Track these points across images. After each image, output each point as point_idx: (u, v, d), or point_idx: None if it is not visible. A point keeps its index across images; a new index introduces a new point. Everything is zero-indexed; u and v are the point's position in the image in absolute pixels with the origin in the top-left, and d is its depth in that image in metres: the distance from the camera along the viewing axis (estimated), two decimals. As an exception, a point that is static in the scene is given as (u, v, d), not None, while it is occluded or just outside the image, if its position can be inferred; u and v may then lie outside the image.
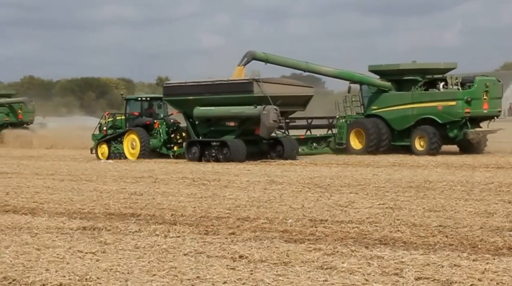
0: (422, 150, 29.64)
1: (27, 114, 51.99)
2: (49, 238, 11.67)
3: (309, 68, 33.15)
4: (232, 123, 29.06)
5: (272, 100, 27.67)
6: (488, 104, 29.72)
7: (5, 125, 51.45)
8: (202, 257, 10.03)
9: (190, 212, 14.28)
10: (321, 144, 32.96)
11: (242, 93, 28.45)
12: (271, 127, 27.79)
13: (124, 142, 31.53)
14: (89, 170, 25.27)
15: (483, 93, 29.66)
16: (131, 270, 9.23)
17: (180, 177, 21.59)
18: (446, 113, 29.69)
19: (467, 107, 29.34)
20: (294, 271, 9.05)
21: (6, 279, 8.86)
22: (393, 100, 31.11)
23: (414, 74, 31.05)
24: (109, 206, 15.32)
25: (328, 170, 23.44)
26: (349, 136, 31.43)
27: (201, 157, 28.67)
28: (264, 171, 23.62)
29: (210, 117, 29.51)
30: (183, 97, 29.86)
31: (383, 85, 31.72)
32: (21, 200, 16.78)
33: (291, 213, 13.81)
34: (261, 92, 27.98)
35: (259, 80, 28.55)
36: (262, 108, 27.45)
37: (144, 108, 32.42)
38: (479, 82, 29.78)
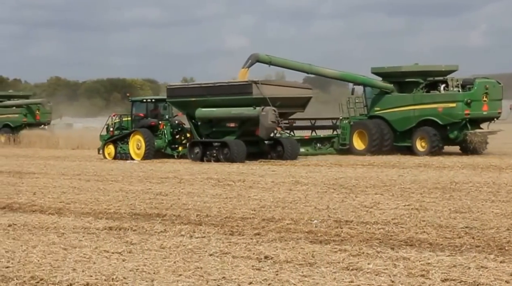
0: (423, 151, 30.17)
1: (44, 115, 52.88)
2: (76, 238, 11.75)
3: (313, 70, 33.76)
4: (232, 124, 29.71)
5: (271, 101, 28.26)
6: (488, 106, 30.17)
7: (23, 126, 52.36)
8: (228, 257, 10.04)
9: (215, 212, 14.30)
10: (325, 144, 33.54)
11: (241, 95, 29.08)
12: (270, 128, 28.45)
13: (129, 143, 32.11)
14: (115, 170, 25.40)
15: (483, 95, 30.10)
16: (157, 270, 9.27)
17: (205, 178, 21.63)
18: (447, 114, 30.19)
19: (467, 109, 29.84)
20: (320, 272, 9.04)
21: (34, 278, 8.94)
22: (395, 102, 31.71)
23: (415, 76, 31.59)
24: (134, 206, 15.39)
25: (353, 171, 23.37)
26: (352, 137, 32.11)
27: (203, 157, 29.34)
28: (289, 171, 23.60)
29: (212, 118, 30.23)
30: (185, 99, 30.64)
31: (385, 87, 32.30)
32: (48, 200, 16.90)
33: (316, 214, 13.79)
34: (260, 93, 28.56)
35: (257, 82, 29.11)
36: (261, 110, 28.10)
37: (149, 110, 33.03)
38: (479, 85, 30.22)
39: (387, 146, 31.38)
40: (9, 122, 52.86)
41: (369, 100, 32.87)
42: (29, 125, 52.29)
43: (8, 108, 53.67)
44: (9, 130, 52.13)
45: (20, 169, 26.66)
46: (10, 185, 20.48)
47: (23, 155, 36.62)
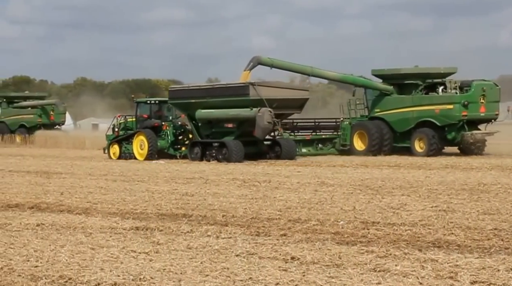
0: (422, 151, 30.81)
1: (58, 116, 54.10)
2: (103, 238, 11.80)
3: (314, 73, 34.55)
4: (231, 125, 30.55)
5: (268, 103, 29.06)
6: (485, 107, 30.74)
7: (37, 126, 53.53)
8: (254, 258, 10.04)
9: (241, 213, 14.31)
10: (326, 145, 34.32)
11: (239, 97, 29.91)
12: (266, 128, 29.25)
13: (133, 143, 32.94)
14: (141, 171, 25.51)
15: (480, 97, 30.66)
16: (184, 270, 9.29)
17: (231, 178, 21.65)
18: (444, 116, 30.79)
19: (464, 111, 30.42)
20: (347, 273, 9.01)
21: (62, 277, 9.00)
22: (395, 104, 32.34)
23: (415, 78, 32.24)
24: (161, 207, 15.44)
25: (379, 172, 23.28)
26: (353, 138, 32.84)
27: (202, 157, 30.29)
28: (315, 172, 23.57)
29: (211, 119, 31.12)
30: (186, 101, 31.52)
31: (385, 89, 32.94)
32: (75, 200, 17.00)
33: (343, 215, 13.75)
34: (257, 95, 29.33)
35: (254, 83, 29.91)
36: (257, 111, 28.90)
37: (153, 111, 33.85)
38: (476, 87, 30.81)
39: (387, 147, 32.01)
40: (24, 123, 54.11)
41: (370, 102, 33.52)
42: (43, 126, 53.61)
43: (23, 109, 54.99)
44: (25, 130, 53.36)
45: (47, 169, 26.86)
46: (38, 185, 20.64)
47: (50, 155, 36.96)
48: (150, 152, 32.17)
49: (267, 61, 33.00)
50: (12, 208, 15.78)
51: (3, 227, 13.09)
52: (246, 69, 32.81)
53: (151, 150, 32.18)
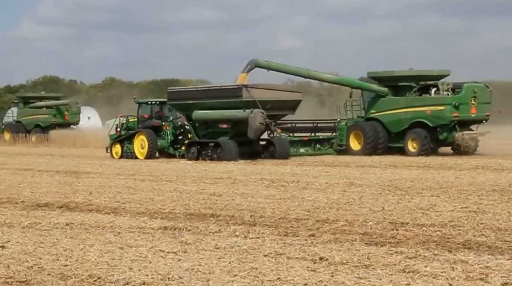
0: (414, 151, 31.71)
1: (73, 116, 55.38)
2: (132, 237, 11.84)
3: (310, 75, 35.58)
4: (225, 126, 31.59)
5: (261, 104, 30.06)
6: (476, 109, 31.61)
7: (52, 126, 54.81)
8: (282, 258, 10.01)
9: (269, 213, 14.28)
10: (324, 145, 35.19)
11: (233, 98, 30.88)
12: (258, 129, 30.20)
13: (134, 142, 33.72)
14: (169, 171, 25.59)
15: (471, 99, 31.51)
16: (212, 270, 9.28)
17: (259, 178, 21.64)
18: (436, 117, 31.68)
19: (455, 112, 31.29)
20: (376, 274, 8.95)
21: (91, 276, 9.04)
22: (389, 105, 33.28)
23: (409, 80, 33.20)
24: (189, 206, 15.46)
25: (408, 172, 23.15)
26: (349, 138, 33.69)
27: (198, 156, 31.19)
28: (343, 173, 23.48)
29: (207, 120, 32.17)
30: (184, 102, 32.61)
31: (380, 90, 33.86)
32: (103, 199, 17.09)
33: (371, 216, 13.67)
34: (250, 97, 30.31)
35: (247, 86, 30.94)
36: (250, 112, 29.90)
37: (154, 111, 34.68)
38: (467, 88, 31.67)
39: (382, 147, 32.93)
40: (40, 123, 55.45)
41: (367, 103, 34.47)
42: (58, 125, 54.82)
43: (39, 109, 56.36)
44: (40, 130, 54.67)
45: (76, 169, 27.04)
46: (67, 185, 20.78)
47: (79, 155, 37.21)
48: (150, 151, 33.09)
49: (264, 63, 34.02)
50: (42, 207, 15.90)
51: (33, 226, 13.19)
52: (243, 71, 33.70)
53: (151, 149, 33.09)
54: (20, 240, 11.60)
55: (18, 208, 15.91)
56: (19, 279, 9.02)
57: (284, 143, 32.07)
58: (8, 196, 17.98)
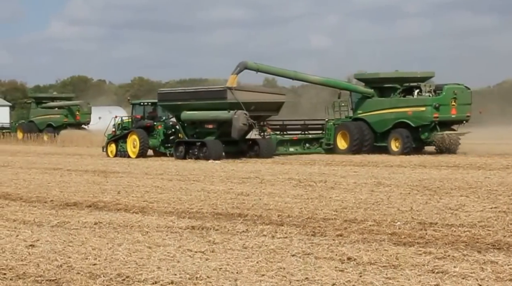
0: (397, 150, 33.09)
1: (84, 116, 57.29)
2: (160, 237, 11.88)
3: (297, 77, 37.16)
4: (211, 126, 32.84)
5: (245, 106, 31.24)
6: (456, 109, 32.91)
7: (64, 126, 56.74)
8: (310, 258, 9.99)
9: (297, 213, 14.26)
10: (313, 144, 36.50)
11: (218, 100, 32.21)
12: (241, 129, 31.32)
13: (127, 142, 35.34)
14: (197, 170, 25.65)
15: (451, 100, 32.80)
16: (240, 270, 9.29)
17: (286, 178, 21.62)
18: (418, 117, 33.10)
19: (436, 113, 32.60)
20: (404, 275, 8.90)
21: (120, 276, 9.08)
22: (375, 106, 34.72)
23: (393, 82, 34.69)
24: (216, 206, 15.48)
25: (437, 172, 22.99)
26: (336, 138, 35.16)
27: (185, 155, 32.47)
28: (371, 172, 23.39)
29: (194, 120, 33.46)
30: (173, 103, 34.03)
31: (366, 92, 35.36)
32: (131, 198, 17.16)
33: (400, 216, 13.59)
34: (234, 98, 31.54)
35: (231, 88, 32.31)
36: (233, 113, 31.10)
37: (147, 112, 36.42)
38: (447, 90, 32.96)
39: (367, 146, 34.22)
40: (51, 122, 57.56)
41: (354, 104, 35.98)
42: (69, 125, 56.71)
43: (51, 109, 58.52)
44: (52, 129, 56.63)
45: (104, 168, 27.21)
46: (96, 184, 20.90)
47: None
48: (141, 150, 34.67)
49: (253, 66, 35.43)
50: (71, 207, 16.01)
51: (62, 225, 13.29)
52: (233, 73, 34.90)
53: (142, 148, 34.68)
54: (50, 239, 11.69)
55: (47, 207, 16.04)
56: (48, 278, 9.09)
57: (269, 142, 33.56)
58: (38, 195, 18.13)
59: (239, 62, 35.31)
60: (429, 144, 33.39)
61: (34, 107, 59.62)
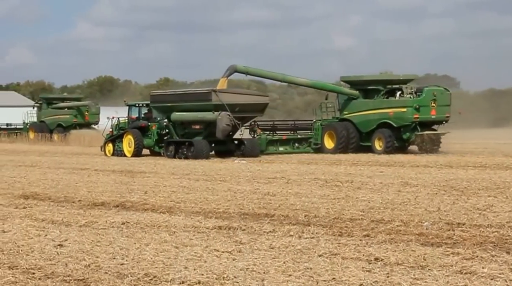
0: (380, 150, 34.47)
1: (93, 116, 58.75)
2: (187, 237, 11.91)
3: (285, 79, 39.48)
4: (198, 127, 34.41)
5: (229, 107, 32.93)
6: (436, 111, 34.25)
7: (73, 126, 58.39)
8: (337, 258, 9.97)
9: (323, 213, 14.24)
10: (302, 144, 37.77)
11: (204, 101, 33.90)
12: (225, 130, 32.98)
13: (123, 141, 36.89)
14: (223, 170, 25.69)
15: (431, 101, 34.19)
16: (267, 270, 9.29)
17: (313, 178, 21.59)
18: (399, 118, 34.57)
19: (416, 113, 34.05)
20: (432, 275, 8.86)
21: (147, 275, 9.13)
22: (360, 107, 36.20)
23: (377, 84, 36.16)
24: (243, 206, 15.49)
25: (464, 173, 22.83)
26: (323, 138, 36.50)
27: (175, 154, 33.90)
28: (398, 173, 23.29)
29: (183, 121, 35.04)
30: (164, 104, 35.70)
31: (351, 93, 36.84)
32: (158, 199, 17.23)
33: (427, 216, 13.52)
34: (219, 100, 33.17)
35: (216, 90, 34.03)
36: (218, 114, 32.79)
37: (142, 113, 37.99)
38: (427, 92, 34.43)
39: (353, 145, 35.63)
40: (61, 123, 59.04)
41: (341, 105, 37.50)
42: (79, 125, 58.22)
43: (61, 110, 59.92)
44: (62, 129, 58.10)
45: (131, 168, 27.34)
46: (123, 184, 21.01)
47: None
48: (136, 149, 36.14)
49: (242, 69, 37.27)
50: (98, 206, 16.11)
51: (90, 225, 13.37)
52: (223, 76, 36.77)
53: (137, 147, 36.17)
54: (78, 239, 11.77)
55: (75, 207, 16.15)
56: (77, 277, 9.16)
57: (254, 142, 35.15)
58: (66, 195, 18.26)
59: (229, 66, 37.05)
60: (411, 143, 34.81)
61: (45, 108, 61.20)
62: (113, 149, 37.37)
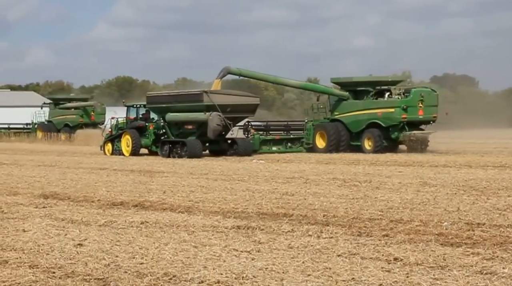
0: (370, 149, 35.42)
1: (98, 116, 60.21)
2: (205, 236, 11.93)
3: (277, 81, 41.00)
4: (191, 127, 35.63)
5: (221, 108, 34.19)
6: (423, 111, 35.20)
7: (79, 125, 60.11)
8: (356, 258, 9.95)
9: (342, 213, 14.21)
10: (295, 144, 38.84)
11: (196, 102, 34.98)
12: (216, 129, 34.19)
13: (121, 141, 38.19)
14: (241, 170, 25.71)
15: (418, 102, 35.11)
16: (286, 269, 9.29)
17: (331, 178, 21.56)
18: (387, 118, 35.51)
19: (404, 114, 35.02)
20: (452, 275, 8.82)
21: (167, 275, 9.15)
22: (350, 107, 37.19)
23: (366, 85, 37.25)
24: (261, 206, 15.49)
25: (483, 172, 22.71)
26: (315, 137, 37.49)
27: (170, 154, 35.10)
28: (417, 172, 23.20)
29: (177, 121, 36.25)
30: (159, 105, 37.05)
31: (341, 94, 37.94)
32: (177, 198, 17.26)
33: (446, 216, 13.47)
34: (210, 101, 34.35)
35: (207, 91, 35.10)
36: (209, 115, 34.02)
37: (140, 113, 39.20)
38: (415, 93, 35.38)
39: (343, 145, 36.60)
40: (68, 122, 60.91)
41: (332, 106, 38.57)
42: (85, 125, 59.79)
43: (67, 110, 61.81)
44: (69, 129, 59.86)
45: (150, 168, 27.42)
46: (141, 184, 21.07)
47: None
48: (134, 149, 37.36)
49: (235, 71, 38.61)
50: (117, 206, 16.16)
51: (109, 224, 13.42)
52: (217, 78, 38.02)
53: (135, 147, 37.36)
54: (97, 238, 11.82)
55: (94, 206, 16.22)
56: (96, 277, 9.19)
57: (246, 141, 36.40)
58: (85, 194, 18.34)
59: (223, 67, 38.24)
60: (400, 142, 35.77)
61: (52, 108, 62.92)
62: (112, 148, 38.57)
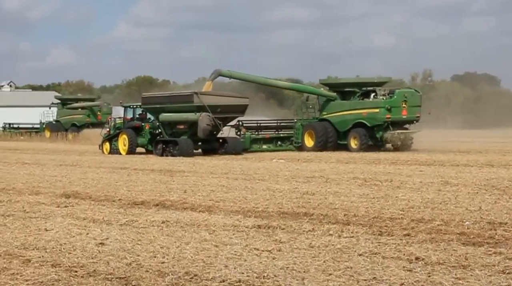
0: (355, 148, 36.75)
1: (105, 116, 60.59)
2: (226, 235, 11.95)
3: (267, 82, 42.65)
4: (183, 126, 36.85)
5: (211, 108, 35.52)
6: (407, 111, 36.50)
7: (86, 125, 61.77)
8: (378, 257, 9.94)
9: (363, 212, 14.18)
10: (285, 142, 40.15)
11: (186, 103, 36.30)
12: (205, 129, 35.51)
13: (119, 140, 39.54)
14: (261, 169, 25.71)
15: (402, 102, 36.41)
16: (307, 269, 9.29)
17: (351, 177, 21.51)
18: (372, 118, 36.75)
19: (388, 114, 36.30)
20: (474, 275, 8.78)
21: (188, 274, 9.18)
22: (337, 108, 38.49)
23: (353, 86, 38.52)
24: (282, 205, 15.49)
25: (505, 172, 22.57)
26: (304, 136, 38.80)
27: (163, 152, 36.34)
28: (438, 172, 23.09)
29: (170, 121, 37.53)
30: (153, 106, 38.29)
31: (329, 95, 39.24)
32: (198, 198, 17.29)
33: (468, 215, 13.40)
34: (200, 102, 35.60)
35: (197, 92, 36.37)
36: (199, 115, 35.33)
37: (136, 113, 40.35)
38: (398, 94, 36.73)
39: (331, 144, 37.97)
40: (75, 122, 62.67)
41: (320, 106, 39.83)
42: (92, 125, 61.04)
43: (75, 110, 63.58)
44: (76, 128, 61.53)
45: (170, 168, 27.48)
46: (162, 183, 21.14)
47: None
48: (130, 148, 38.75)
49: (226, 73, 39.96)
50: (138, 205, 16.22)
51: (130, 223, 13.48)
52: (208, 79, 39.43)
53: (131, 146, 38.78)
54: (119, 237, 11.88)
55: (116, 205, 16.29)
56: (118, 276, 9.24)
57: (236, 140, 37.63)
58: (106, 194, 18.43)
59: (214, 70, 39.59)
60: (385, 141, 36.77)
61: (60, 108, 64.62)
62: (110, 147, 39.82)
